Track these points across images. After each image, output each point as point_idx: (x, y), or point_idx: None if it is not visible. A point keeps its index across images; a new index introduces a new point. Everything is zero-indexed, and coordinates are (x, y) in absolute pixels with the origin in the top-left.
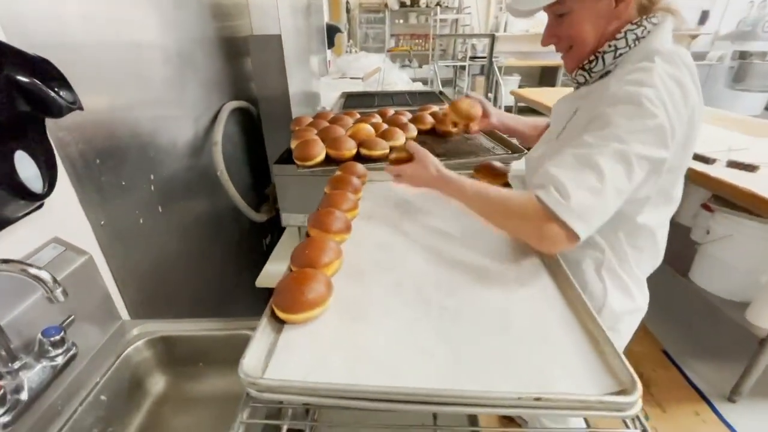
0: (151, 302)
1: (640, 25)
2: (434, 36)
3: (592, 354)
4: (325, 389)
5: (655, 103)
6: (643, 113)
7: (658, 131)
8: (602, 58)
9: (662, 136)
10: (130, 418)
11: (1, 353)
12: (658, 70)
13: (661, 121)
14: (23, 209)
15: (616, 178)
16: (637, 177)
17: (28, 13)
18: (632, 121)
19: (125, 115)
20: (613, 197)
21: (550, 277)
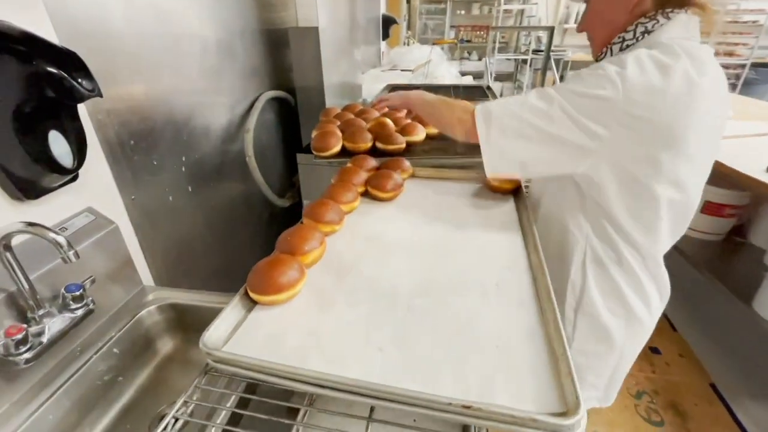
0: (175, 272)
1: (653, 18)
2: (491, 27)
3: (546, 370)
4: (269, 368)
5: (611, 77)
6: (591, 82)
7: (598, 103)
8: (610, 50)
9: (601, 108)
10: (139, 372)
11: (28, 302)
12: (638, 53)
13: (607, 93)
14: (56, 181)
15: (531, 107)
16: (555, 127)
17: (75, 3)
18: (579, 84)
19: (161, 102)
20: (517, 119)
21: (532, 285)
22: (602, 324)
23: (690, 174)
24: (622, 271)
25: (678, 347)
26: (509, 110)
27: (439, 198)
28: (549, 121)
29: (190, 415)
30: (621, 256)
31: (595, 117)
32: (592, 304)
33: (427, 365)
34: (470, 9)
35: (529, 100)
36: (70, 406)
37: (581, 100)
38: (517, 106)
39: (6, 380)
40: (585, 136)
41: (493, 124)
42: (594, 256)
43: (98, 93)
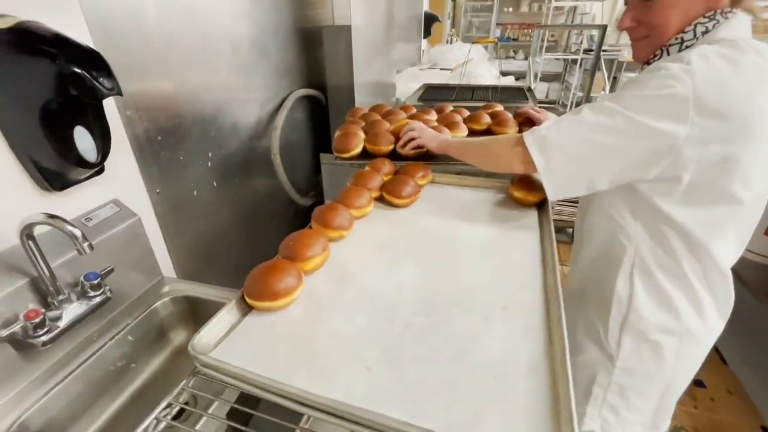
0: (198, 265)
1: (712, 18)
2: (537, 26)
3: (545, 412)
4: (252, 380)
5: (677, 75)
6: (657, 83)
7: (669, 100)
8: (667, 51)
9: (675, 105)
10: (151, 360)
11: (48, 288)
12: (701, 49)
13: (677, 90)
14: (82, 174)
15: (591, 125)
16: (622, 139)
17: (109, 1)
18: (641, 88)
19: (190, 99)
20: (578, 140)
21: (543, 310)
22: (651, 340)
23: (762, 175)
24: (676, 280)
25: (727, 382)
26: (567, 133)
27: (458, 207)
28: (613, 134)
29: (174, 418)
30: (677, 263)
31: (667, 116)
32: (640, 318)
33: (414, 391)
34: (519, 6)
35: (585, 118)
36: (82, 389)
37: (649, 102)
38: (574, 127)
39: (25, 360)
40: (658, 139)
41: (551, 152)
42: (643, 264)
43: (118, 92)
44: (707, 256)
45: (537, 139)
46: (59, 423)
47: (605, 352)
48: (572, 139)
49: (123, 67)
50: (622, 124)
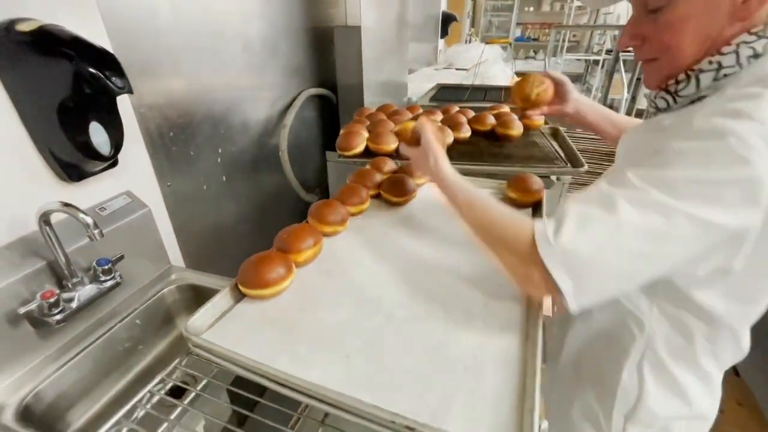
0: (206, 256)
1: (763, 36)
2: (555, 26)
3: (510, 402)
4: (237, 360)
5: (751, 143)
6: (726, 157)
7: (744, 184)
8: (696, 79)
9: (750, 189)
10: (157, 343)
11: (63, 271)
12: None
13: (756, 171)
14: (97, 166)
15: (639, 231)
16: (680, 244)
17: (126, 3)
18: (704, 166)
19: (201, 97)
20: (623, 253)
21: (523, 314)
22: (659, 427)
23: None
24: (692, 369)
25: (737, 394)
26: (603, 245)
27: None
28: (674, 238)
29: (168, 393)
30: (695, 353)
31: (738, 205)
32: (649, 411)
33: (389, 378)
34: (540, 5)
35: (627, 219)
36: (92, 366)
37: (716, 190)
38: (614, 235)
39: (40, 337)
40: (724, 235)
41: (582, 272)
42: (655, 355)
43: (129, 90)
44: (740, 342)
45: (560, 256)
46: (70, 396)
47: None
48: (611, 252)
49: (138, 66)
50: (685, 227)
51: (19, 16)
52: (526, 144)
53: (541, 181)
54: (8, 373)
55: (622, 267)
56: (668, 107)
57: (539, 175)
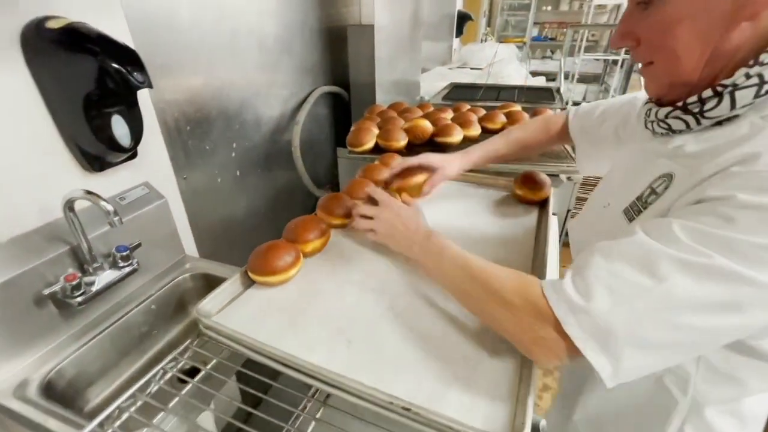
0: (219, 246)
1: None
2: (570, 25)
3: (507, 390)
4: (244, 341)
5: None
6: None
7: None
8: (731, 97)
9: None
10: (171, 327)
11: (85, 256)
12: None
13: None
14: (117, 158)
15: (694, 304)
16: (745, 315)
17: (148, 3)
18: (759, 233)
19: (217, 93)
20: (673, 328)
21: None
22: None
23: None
24: (738, 422)
25: None
26: (650, 318)
27: (460, 201)
28: (737, 311)
29: (179, 371)
30: (740, 399)
31: None
32: None
33: (388, 363)
34: (558, 4)
35: (679, 291)
36: (110, 347)
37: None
38: (662, 306)
39: (63, 318)
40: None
41: (621, 348)
42: (702, 419)
43: (148, 84)
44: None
45: (589, 326)
46: (89, 374)
47: None
48: (658, 326)
49: (158, 62)
50: (749, 296)
51: (50, 14)
52: None
53: (548, 179)
54: (33, 350)
55: (670, 341)
56: (688, 128)
57: (548, 173)
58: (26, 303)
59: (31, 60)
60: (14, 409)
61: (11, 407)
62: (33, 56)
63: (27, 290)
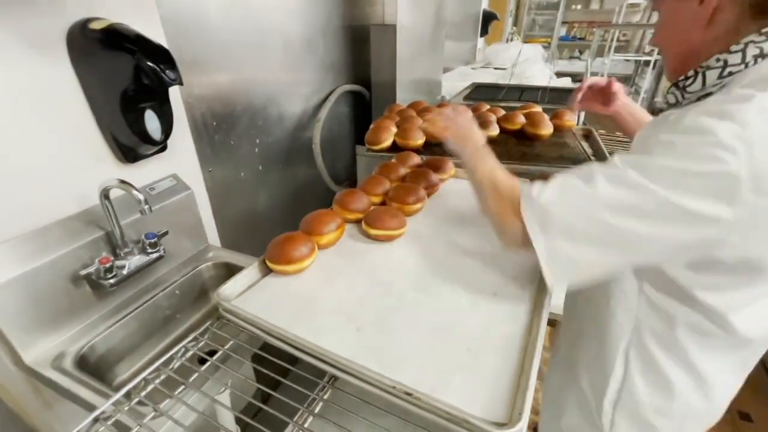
0: (240, 237)
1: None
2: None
3: (508, 381)
4: (259, 324)
5: (730, 145)
6: (702, 154)
7: (717, 178)
8: (703, 75)
9: (723, 185)
10: (193, 313)
11: (118, 241)
12: (760, 102)
13: (728, 168)
14: (149, 150)
15: (609, 203)
16: (649, 224)
17: (181, 2)
18: (681, 159)
19: (243, 90)
20: (591, 221)
21: (531, 301)
22: (647, 421)
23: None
24: (678, 360)
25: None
26: (575, 209)
27: (473, 201)
28: (637, 216)
29: (200, 350)
30: (684, 345)
31: (712, 198)
32: (635, 399)
33: (395, 351)
34: (589, 3)
35: (600, 191)
36: (137, 328)
37: (685, 180)
38: (585, 202)
39: (97, 298)
40: (693, 227)
41: (555, 233)
42: (642, 342)
43: (180, 82)
44: (735, 335)
45: (537, 212)
46: (118, 351)
47: (594, 427)
48: (583, 218)
49: (188, 60)
50: (652, 204)
51: (93, 16)
52: (556, 144)
53: None
54: (69, 326)
55: (591, 234)
56: (677, 103)
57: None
58: (65, 282)
59: (75, 58)
60: (51, 378)
61: (49, 376)
62: (77, 54)
63: (67, 270)
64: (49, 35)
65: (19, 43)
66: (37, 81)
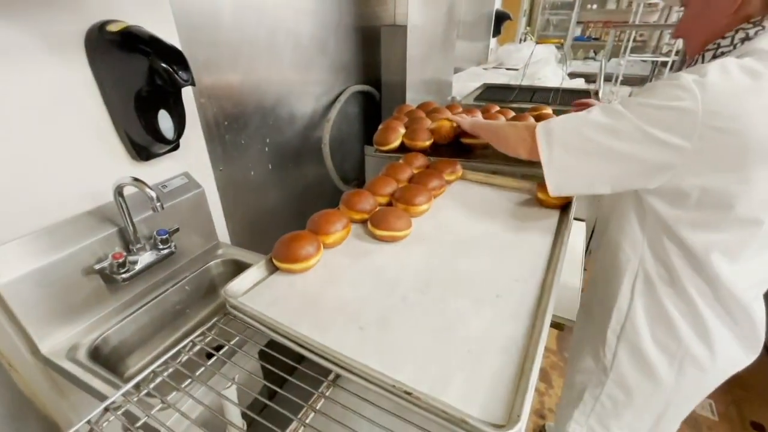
0: (249, 235)
1: (758, 24)
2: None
3: (508, 382)
4: (265, 321)
5: (688, 87)
6: (666, 93)
7: (676, 113)
8: (702, 57)
9: (681, 119)
10: (202, 308)
11: (131, 237)
12: (725, 61)
13: (685, 105)
14: (162, 149)
15: (597, 125)
16: (623, 142)
17: (194, 3)
18: (652, 96)
19: (253, 90)
20: (582, 138)
21: (534, 302)
22: (646, 356)
23: (739, 201)
24: (679, 300)
25: None
26: (570, 127)
27: (480, 203)
28: (616, 137)
29: (207, 346)
30: (680, 283)
31: (671, 130)
32: (636, 330)
33: (396, 350)
34: (605, 3)
35: (591, 116)
36: (148, 322)
37: (654, 112)
38: (579, 123)
39: (110, 292)
40: (659, 151)
41: (554, 143)
42: (646, 277)
43: (192, 83)
44: (719, 282)
45: (544, 129)
46: (129, 344)
47: (599, 363)
48: (576, 135)
49: (201, 60)
50: (627, 128)
51: (110, 18)
52: None
53: None
54: (83, 318)
55: (581, 148)
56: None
57: None
58: (80, 276)
59: (93, 59)
60: (65, 368)
61: (64, 366)
62: (94, 55)
63: (82, 264)
64: (69, 37)
65: (41, 45)
66: (57, 82)
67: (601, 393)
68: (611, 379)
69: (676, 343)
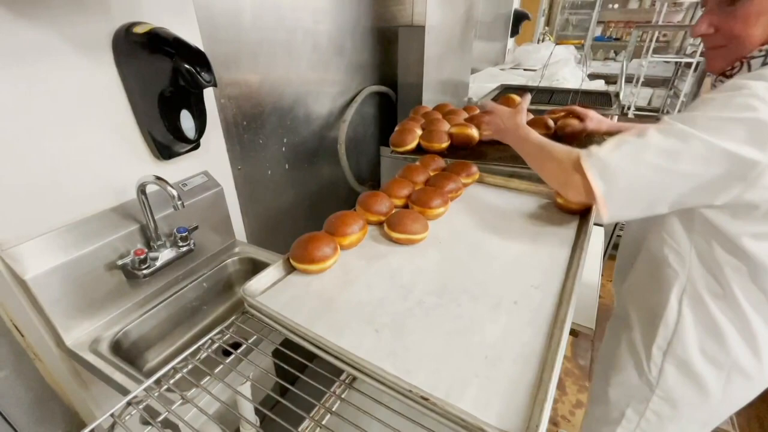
0: (266, 233)
1: None
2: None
3: (525, 392)
4: (282, 321)
5: (760, 94)
6: (737, 103)
7: (751, 124)
8: (748, 65)
9: (757, 130)
10: (219, 305)
11: (152, 234)
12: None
13: (761, 115)
14: (183, 148)
15: (660, 149)
16: (694, 164)
17: (216, 4)
18: (719, 109)
19: (272, 90)
20: (644, 166)
21: (553, 310)
22: (693, 369)
23: None
24: (729, 311)
25: None
26: (631, 157)
27: (498, 206)
28: (681, 158)
29: (225, 343)
30: (732, 293)
31: (748, 142)
32: (685, 346)
33: (411, 354)
34: (627, 2)
35: (651, 141)
36: (166, 317)
37: (725, 125)
38: (636, 150)
39: (131, 287)
40: (734, 166)
41: (613, 179)
42: (694, 290)
43: (214, 83)
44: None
45: (597, 166)
46: (149, 339)
47: (644, 378)
48: (637, 164)
49: (222, 61)
50: (694, 147)
51: (136, 20)
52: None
53: None
54: (105, 312)
55: (644, 177)
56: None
57: None
58: (103, 271)
59: (119, 60)
60: (89, 360)
61: (87, 359)
62: (121, 57)
63: (105, 260)
64: (98, 39)
65: (70, 47)
66: (86, 82)
67: (646, 409)
68: (657, 395)
69: (724, 354)
